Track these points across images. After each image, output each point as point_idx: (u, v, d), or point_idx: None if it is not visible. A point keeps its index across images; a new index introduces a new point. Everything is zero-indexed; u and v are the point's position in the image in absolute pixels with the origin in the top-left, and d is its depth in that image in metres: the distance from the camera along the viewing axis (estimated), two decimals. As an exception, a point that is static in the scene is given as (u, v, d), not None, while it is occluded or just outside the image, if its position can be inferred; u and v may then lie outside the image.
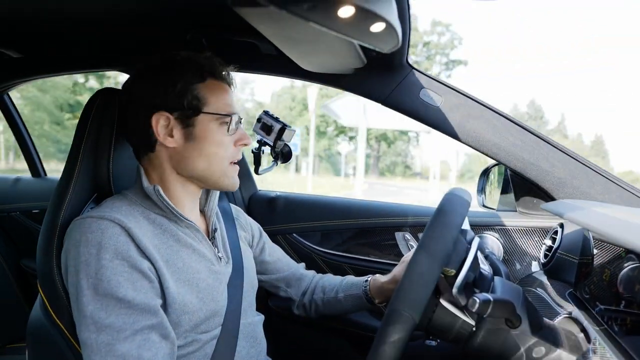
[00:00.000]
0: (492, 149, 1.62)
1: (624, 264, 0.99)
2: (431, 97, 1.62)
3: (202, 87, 1.19)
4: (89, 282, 1.02)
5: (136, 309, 1.04)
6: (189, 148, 1.19)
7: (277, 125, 1.80)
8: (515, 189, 1.85)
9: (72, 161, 1.25)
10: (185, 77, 1.18)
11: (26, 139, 2.86)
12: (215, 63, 1.22)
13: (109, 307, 1.02)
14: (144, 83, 1.20)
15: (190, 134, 1.19)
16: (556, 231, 1.54)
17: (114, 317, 1.01)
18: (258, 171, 1.93)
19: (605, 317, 1.04)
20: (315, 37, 1.17)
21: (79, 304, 1.03)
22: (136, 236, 1.09)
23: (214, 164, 1.21)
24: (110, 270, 1.03)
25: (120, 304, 1.02)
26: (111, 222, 1.08)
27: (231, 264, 1.33)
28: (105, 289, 1.02)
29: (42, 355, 1.24)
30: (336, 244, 2.15)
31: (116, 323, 1.01)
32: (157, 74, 1.19)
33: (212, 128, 1.19)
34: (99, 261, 1.03)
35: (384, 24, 0.75)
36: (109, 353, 0.99)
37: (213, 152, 1.20)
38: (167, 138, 1.18)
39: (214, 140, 1.20)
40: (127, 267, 1.05)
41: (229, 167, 1.24)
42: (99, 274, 1.02)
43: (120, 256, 1.05)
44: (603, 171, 1.56)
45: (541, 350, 1.01)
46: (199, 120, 1.18)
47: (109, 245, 1.05)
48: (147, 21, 1.49)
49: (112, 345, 0.99)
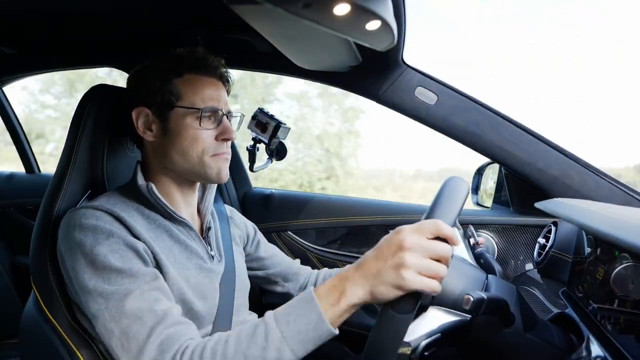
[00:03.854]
0: (486, 147, 1.62)
1: (618, 263, 0.99)
2: (426, 95, 1.62)
3: (178, 81, 1.20)
4: (86, 260, 1.03)
5: (137, 275, 1.04)
6: (166, 142, 1.20)
7: (272, 123, 1.80)
8: (509, 187, 1.86)
9: (65, 157, 1.24)
10: (162, 72, 1.19)
11: (20, 135, 2.84)
12: (195, 57, 1.22)
13: (111, 278, 1.02)
14: (131, 80, 1.25)
15: (165, 128, 1.20)
16: (550, 230, 1.54)
17: (118, 285, 1.01)
18: (253, 169, 1.93)
19: (599, 315, 1.04)
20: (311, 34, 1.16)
21: (80, 283, 1.03)
22: (131, 225, 1.10)
23: (190, 158, 1.20)
24: (106, 247, 1.04)
25: (121, 274, 1.02)
26: (105, 213, 1.09)
27: (224, 263, 1.33)
28: (103, 263, 1.02)
29: (35, 351, 1.24)
30: (331, 242, 2.15)
31: (120, 289, 1.01)
32: (141, 70, 1.23)
33: (187, 122, 1.19)
34: (95, 240, 1.05)
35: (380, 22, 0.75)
36: (122, 315, 0.99)
37: (187, 146, 1.19)
38: (147, 132, 1.21)
39: (188, 135, 1.19)
40: (122, 245, 1.06)
41: (210, 160, 1.22)
42: (95, 251, 1.03)
43: (115, 235, 1.07)
44: (597, 170, 1.56)
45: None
46: (173, 114, 1.19)
47: (104, 229, 1.06)
48: (142, 19, 1.49)
49: (122, 307, 0.99)
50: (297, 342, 0.91)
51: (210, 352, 0.94)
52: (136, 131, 1.21)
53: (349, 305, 0.91)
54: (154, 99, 1.19)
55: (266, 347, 0.91)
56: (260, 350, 0.91)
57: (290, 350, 0.91)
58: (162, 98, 1.18)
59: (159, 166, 1.24)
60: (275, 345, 0.91)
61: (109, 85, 1.31)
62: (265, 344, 0.92)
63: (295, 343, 0.91)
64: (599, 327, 1.01)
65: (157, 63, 1.21)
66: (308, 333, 0.91)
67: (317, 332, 0.91)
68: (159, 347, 0.96)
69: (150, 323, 0.98)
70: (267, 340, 0.92)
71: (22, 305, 1.28)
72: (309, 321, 0.91)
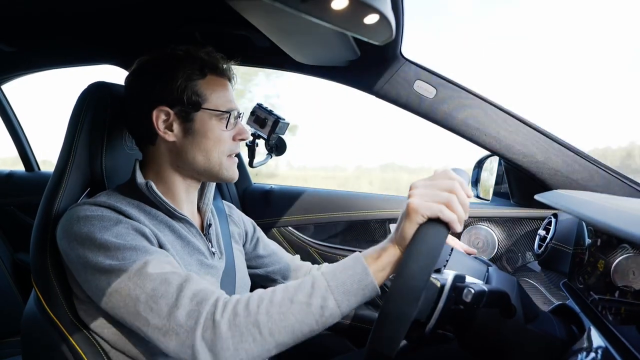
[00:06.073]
0: (486, 140, 1.62)
1: (618, 253, 0.99)
2: (425, 89, 1.62)
3: (202, 83, 1.19)
4: (97, 245, 1.02)
5: (151, 251, 1.04)
6: (187, 143, 1.20)
7: (271, 118, 1.79)
8: (509, 180, 1.86)
9: (64, 155, 1.24)
10: (186, 72, 1.18)
11: (19, 133, 2.84)
12: (216, 59, 1.23)
13: (126, 255, 1.01)
14: (146, 77, 1.21)
15: (189, 129, 1.19)
16: (550, 221, 1.54)
17: (135, 258, 1.01)
18: (252, 164, 1.93)
19: (600, 306, 1.04)
20: (309, 29, 1.16)
21: (94, 267, 1.02)
22: (135, 218, 1.11)
23: (212, 158, 1.21)
24: (115, 231, 1.04)
25: (136, 250, 1.02)
26: (107, 208, 1.10)
27: (224, 260, 1.33)
28: (116, 243, 1.02)
29: (37, 348, 1.24)
30: (331, 236, 2.15)
31: (139, 260, 1.00)
32: (159, 68, 1.19)
33: (212, 124, 1.20)
34: (103, 227, 1.04)
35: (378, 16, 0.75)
36: (145, 280, 0.98)
37: (211, 147, 1.20)
38: (167, 132, 1.19)
39: (213, 136, 1.20)
40: (131, 230, 1.07)
41: (228, 160, 1.25)
42: (105, 236, 1.03)
43: (123, 222, 1.07)
44: (597, 162, 1.56)
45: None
46: (199, 116, 1.19)
47: (111, 217, 1.07)
48: (139, 15, 1.48)
49: (145, 273, 0.98)
50: (342, 293, 0.93)
51: (257, 299, 0.95)
52: (154, 130, 1.19)
53: (390, 261, 0.96)
54: (179, 99, 1.17)
55: (312, 294, 0.93)
56: (307, 297, 0.93)
57: (335, 300, 0.93)
58: (189, 99, 1.18)
59: (171, 165, 1.23)
60: (321, 293, 0.93)
61: (107, 82, 1.31)
62: (311, 290, 0.94)
63: (339, 294, 0.93)
64: (600, 317, 1.02)
65: (177, 62, 1.19)
66: (353, 285, 0.94)
67: (361, 284, 0.94)
68: (193, 300, 0.96)
69: (177, 282, 0.98)
70: (314, 287, 0.94)
71: (24, 303, 1.28)
72: (354, 273, 0.94)
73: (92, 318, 1.13)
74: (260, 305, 0.94)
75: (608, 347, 0.89)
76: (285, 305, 0.93)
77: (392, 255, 0.95)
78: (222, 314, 0.94)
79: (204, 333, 0.93)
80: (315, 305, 0.92)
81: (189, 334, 0.93)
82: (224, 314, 0.94)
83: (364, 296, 0.94)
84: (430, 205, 0.89)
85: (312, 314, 0.93)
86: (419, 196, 0.91)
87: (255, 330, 0.92)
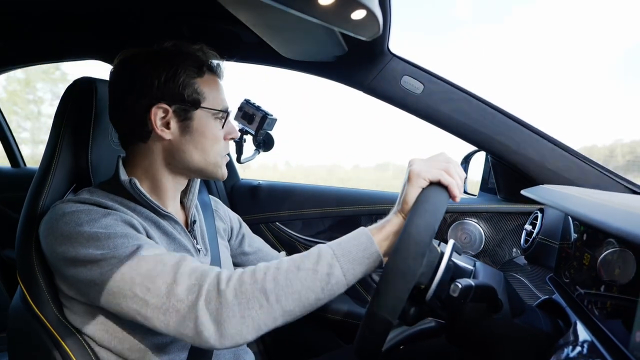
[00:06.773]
0: (473, 135, 1.63)
1: (604, 248, 1.00)
2: (412, 84, 1.62)
3: (201, 81, 1.19)
4: (86, 238, 1.01)
5: (141, 238, 1.05)
6: (184, 141, 1.19)
7: (259, 114, 1.79)
8: (496, 175, 1.87)
9: (50, 151, 1.23)
10: (186, 70, 1.16)
11: (5, 128, 2.82)
12: (211, 57, 1.22)
13: (117, 243, 1.00)
14: (143, 73, 1.16)
15: (187, 127, 1.18)
16: (536, 216, 1.55)
17: (127, 244, 1.00)
18: (240, 160, 1.92)
19: (586, 300, 1.05)
20: (296, 24, 1.16)
21: (84, 258, 1.00)
22: (121, 211, 1.10)
23: (209, 157, 1.21)
24: (103, 223, 1.03)
25: (127, 238, 1.02)
26: (93, 205, 1.08)
27: (209, 256, 1.33)
28: (106, 233, 1.01)
29: (23, 344, 1.23)
30: (319, 232, 2.15)
31: (130, 246, 1.00)
32: (158, 65, 1.16)
33: (209, 123, 1.20)
34: (91, 219, 1.03)
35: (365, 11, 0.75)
36: (140, 262, 0.97)
37: (209, 146, 1.20)
38: (164, 130, 1.17)
39: (211, 135, 1.20)
40: (120, 221, 1.06)
41: (221, 160, 1.25)
42: (95, 227, 1.02)
43: (111, 215, 1.06)
44: (583, 157, 1.57)
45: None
46: (197, 114, 1.18)
47: (98, 211, 1.06)
48: (126, 9, 1.47)
49: (138, 256, 0.98)
50: (347, 261, 0.96)
51: (264, 268, 0.97)
52: (150, 127, 1.16)
53: (393, 230, 1.00)
54: (180, 97, 1.16)
55: (318, 261, 0.96)
56: (313, 264, 0.96)
57: (340, 268, 0.95)
58: (189, 97, 1.16)
59: (162, 162, 1.21)
60: (327, 261, 0.96)
61: (92, 77, 1.30)
62: (317, 258, 0.96)
63: (345, 262, 0.95)
64: (585, 312, 1.02)
65: (176, 59, 1.16)
66: (358, 253, 0.96)
67: (366, 252, 0.97)
68: (191, 276, 0.97)
69: (173, 262, 0.99)
70: (320, 255, 0.97)
71: (10, 300, 1.27)
72: (359, 243, 0.98)
73: (77, 315, 1.12)
74: (267, 272, 0.95)
75: (594, 341, 0.90)
76: (292, 272, 0.95)
77: (396, 225, 1.00)
78: (227, 283, 0.95)
79: (207, 305, 0.94)
80: (321, 272, 0.94)
81: (191, 308, 0.94)
82: (229, 283, 0.95)
83: (369, 265, 0.97)
84: (431, 169, 0.98)
85: (318, 281, 0.95)
86: (419, 163, 1.00)
87: (262, 296, 0.93)
